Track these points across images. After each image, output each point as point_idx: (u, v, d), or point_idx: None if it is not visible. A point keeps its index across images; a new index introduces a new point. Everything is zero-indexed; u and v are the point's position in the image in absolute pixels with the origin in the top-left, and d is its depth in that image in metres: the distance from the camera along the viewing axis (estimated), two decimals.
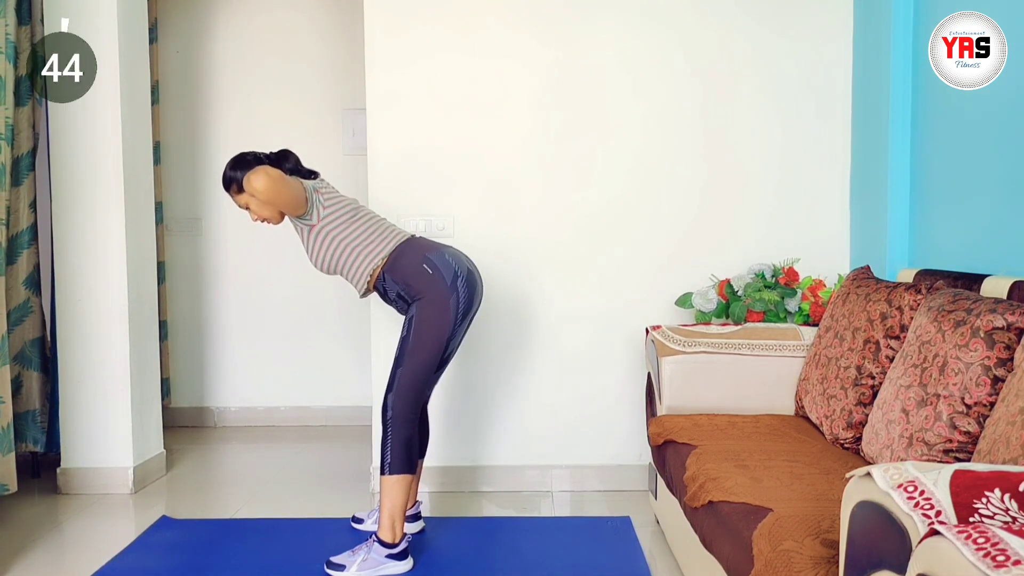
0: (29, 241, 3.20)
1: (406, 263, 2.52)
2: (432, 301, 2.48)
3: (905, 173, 2.77)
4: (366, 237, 2.55)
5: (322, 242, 2.55)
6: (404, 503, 2.48)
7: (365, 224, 2.57)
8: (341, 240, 2.54)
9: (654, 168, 3.25)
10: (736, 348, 2.70)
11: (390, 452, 2.46)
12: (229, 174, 2.58)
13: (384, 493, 2.47)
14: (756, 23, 3.21)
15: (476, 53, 3.23)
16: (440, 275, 2.49)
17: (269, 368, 4.48)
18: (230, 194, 2.60)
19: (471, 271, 2.58)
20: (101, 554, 2.64)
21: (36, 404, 3.28)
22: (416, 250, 2.54)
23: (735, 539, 1.76)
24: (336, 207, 2.56)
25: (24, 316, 3.21)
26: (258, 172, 2.45)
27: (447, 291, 2.48)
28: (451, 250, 2.59)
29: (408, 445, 2.48)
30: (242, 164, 2.58)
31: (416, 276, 2.50)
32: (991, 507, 1.07)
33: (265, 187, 2.44)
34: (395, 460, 2.46)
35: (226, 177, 2.60)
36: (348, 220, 2.56)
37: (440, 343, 2.49)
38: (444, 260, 2.52)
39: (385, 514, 2.46)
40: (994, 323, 1.75)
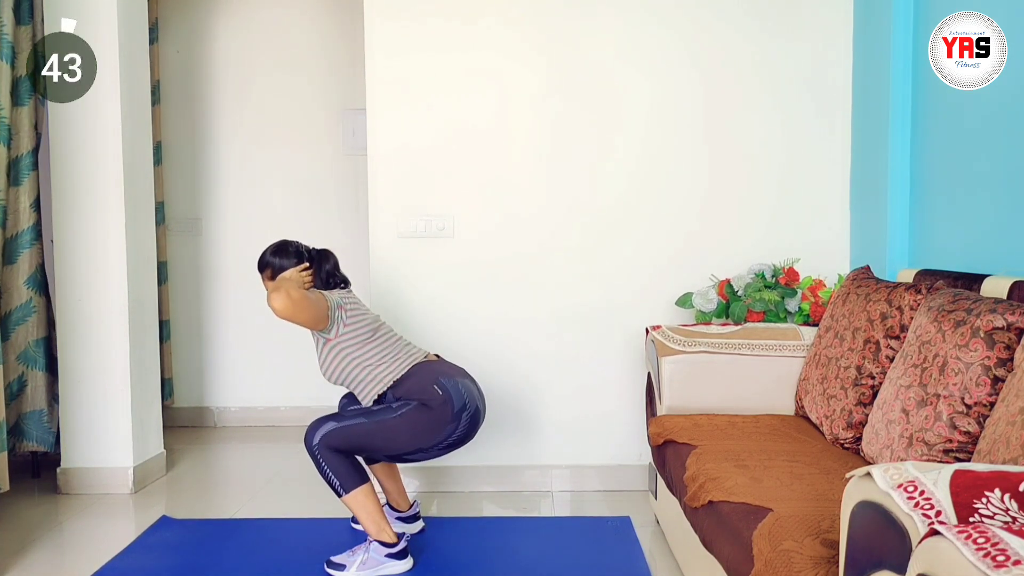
0: (31, 241, 3.20)
1: (415, 383, 2.49)
2: (434, 415, 2.44)
3: (905, 173, 2.77)
4: (380, 357, 2.53)
5: (335, 357, 2.54)
6: (377, 506, 2.46)
7: (382, 344, 2.55)
8: (355, 358, 2.52)
9: (654, 168, 3.25)
10: (736, 348, 2.70)
11: (332, 476, 2.40)
12: (268, 259, 2.64)
13: (353, 510, 2.46)
14: (757, 23, 3.21)
15: (477, 52, 3.23)
16: (450, 400, 2.45)
17: (269, 368, 4.48)
18: (261, 275, 2.65)
19: (479, 409, 2.54)
20: (101, 554, 2.64)
21: (42, 404, 3.27)
22: (429, 373, 2.51)
23: (735, 539, 1.76)
24: (356, 325, 2.54)
25: (27, 316, 3.21)
26: (279, 292, 2.38)
27: (450, 417, 2.45)
28: (464, 381, 2.54)
29: (345, 461, 2.42)
30: (283, 253, 2.63)
31: (424, 393, 2.46)
32: (991, 507, 1.07)
33: (281, 310, 2.37)
34: (342, 480, 2.41)
35: (263, 260, 2.65)
36: (366, 339, 2.54)
37: (410, 445, 2.46)
38: (456, 389, 2.48)
39: (367, 524, 2.46)
40: (994, 323, 1.75)
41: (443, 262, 3.26)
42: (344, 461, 2.42)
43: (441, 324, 3.27)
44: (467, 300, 3.28)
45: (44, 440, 3.28)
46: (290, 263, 2.63)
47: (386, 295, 3.27)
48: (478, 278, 3.27)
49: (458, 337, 3.27)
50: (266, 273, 2.65)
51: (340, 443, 2.41)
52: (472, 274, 3.27)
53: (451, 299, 3.27)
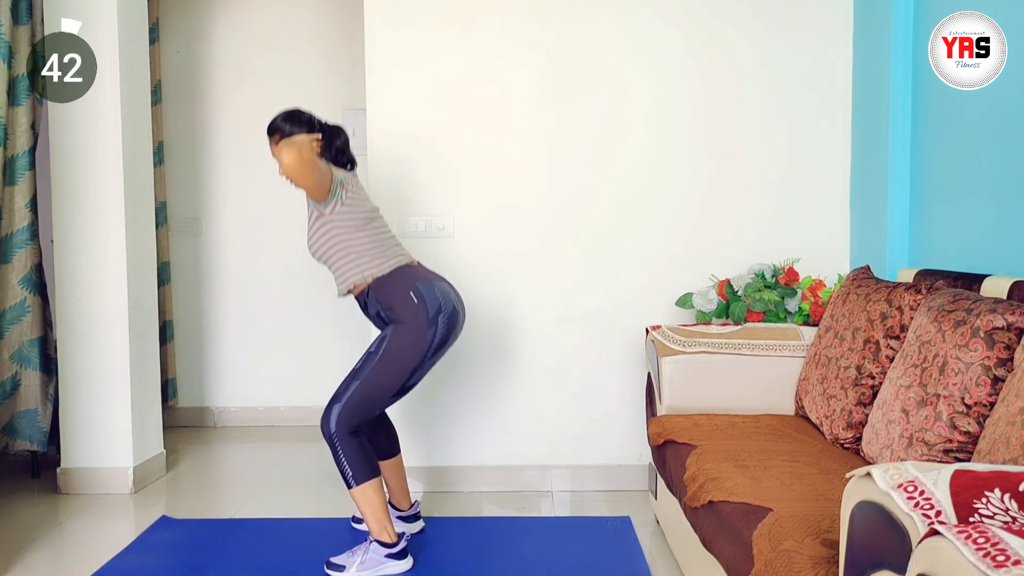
0: (26, 240, 3.19)
1: (393, 287, 2.49)
2: (409, 329, 2.45)
3: (905, 173, 2.77)
4: (368, 248, 2.51)
5: (325, 233, 2.51)
6: (383, 503, 2.47)
7: (373, 236, 2.54)
8: (343, 240, 2.51)
9: (655, 168, 3.25)
10: (736, 348, 2.70)
11: (347, 465, 2.41)
12: (279, 124, 2.57)
13: (359, 504, 2.46)
14: (757, 23, 3.21)
15: (477, 52, 3.23)
16: (424, 307, 2.46)
17: (269, 368, 4.48)
18: (270, 141, 2.59)
19: (456, 309, 2.54)
20: (101, 554, 2.64)
21: (36, 403, 3.27)
22: (408, 277, 2.51)
23: (735, 539, 1.76)
24: (354, 208, 2.51)
25: (21, 316, 3.20)
26: (292, 146, 2.38)
27: (427, 323, 2.45)
28: (441, 284, 2.55)
29: (361, 451, 2.44)
30: (294, 120, 2.57)
31: (400, 302, 2.47)
32: (991, 507, 1.07)
33: (289, 164, 2.36)
34: (355, 471, 2.42)
35: (274, 124, 2.58)
36: (360, 225, 2.51)
37: (406, 371, 2.46)
38: (432, 293, 2.49)
39: (370, 521, 2.46)
40: (994, 323, 1.75)
41: (443, 262, 3.25)
42: (361, 452, 2.43)
43: None
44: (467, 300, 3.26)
45: (36, 439, 3.27)
46: (300, 131, 2.56)
47: None
48: (478, 278, 3.26)
49: None
50: (274, 138, 2.57)
51: (354, 415, 2.43)
52: (472, 274, 3.26)
53: None
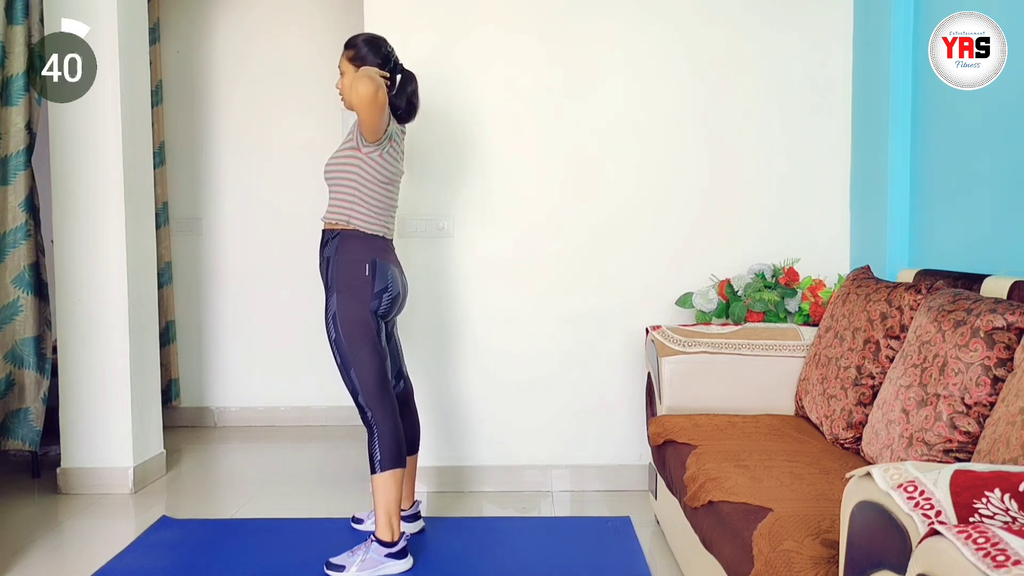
0: (20, 240, 3.18)
1: (357, 249, 2.51)
2: (351, 298, 2.48)
3: (905, 173, 2.77)
4: (371, 204, 2.53)
5: (348, 164, 2.52)
6: (398, 499, 2.48)
7: (382, 197, 2.55)
8: (357, 182, 2.51)
9: (655, 169, 3.25)
10: (736, 348, 2.70)
11: (379, 449, 2.46)
12: (359, 43, 2.55)
13: (377, 492, 2.47)
14: (757, 23, 3.21)
15: (477, 53, 3.23)
16: (372, 283, 2.49)
17: (269, 368, 4.48)
18: (344, 55, 2.57)
19: (399, 295, 2.59)
20: (101, 554, 2.64)
21: (29, 402, 3.25)
22: (374, 249, 2.53)
23: (735, 539, 1.76)
24: (385, 165, 2.53)
25: (14, 315, 3.19)
26: (372, 81, 2.37)
27: (368, 296, 2.49)
28: (394, 270, 2.58)
29: (395, 438, 2.48)
30: (374, 47, 2.55)
31: (351, 268, 2.50)
32: (991, 507, 1.07)
33: (363, 96, 2.35)
34: (385, 456, 2.45)
35: (354, 41, 2.56)
36: (379, 181, 2.53)
37: (371, 332, 2.49)
38: (384, 273, 2.52)
39: (381, 513, 2.46)
40: (994, 323, 1.75)
41: (443, 262, 3.26)
42: (395, 439, 2.47)
43: (441, 324, 3.27)
44: (467, 300, 3.28)
45: (29, 439, 3.25)
46: (374, 62, 2.54)
47: None
48: (478, 278, 3.27)
49: (458, 337, 3.27)
50: (347, 53, 2.56)
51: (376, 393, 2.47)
52: (472, 274, 3.27)
53: (451, 299, 3.27)
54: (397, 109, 2.59)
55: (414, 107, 2.65)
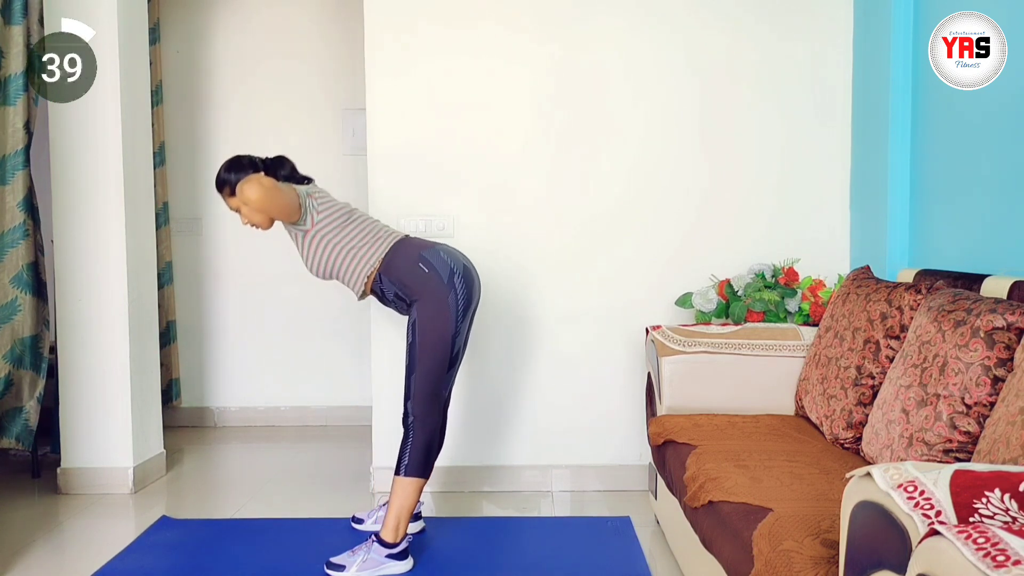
0: (18, 240, 3.17)
1: (401, 263, 2.50)
2: (430, 301, 2.47)
3: (905, 173, 2.77)
4: (361, 240, 2.53)
5: (317, 246, 2.53)
6: (413, 506, 2.48)
7: (359, 227, 2.55)
8: (336, 244, 2.52)
9: (654, 168, 3.25)
10: (736, 348, 2.70)
11: (408, 454, 2.45)
12: (223, 176, 2.60)
13: (395, 493, 2.46)
14: (756, 23, 3.21)
15: (477, 53, 3.23)
16: (436, 273, 2.48)
17: (269, 368, 4.48)
18: (222, 196, 2.62)
19: (467, 267, 2.56)
20: (101, 554, 2.64)
21: (25, 401, 3.23)
22: (411, 249, 2.53)
23: (735, 539, 1.76)
24: (329, 211, 2.53)
25: (12, 314, 3.18)
26: (251, 181, 2.42)
27: (445, 289, 2.47)
28: (445, 247, 2.57)
29: (428, 449, 2.48)
30: (237, 167, 2.59)
31: (412, 275, 2.49)
32: (991, 507, 1.07)
33: (258, 197, 2.40)
34: (412, 462, 2.45)
35: (220, 179, 2.61)
36: (342, 223, 2.53)
37: (446, 342, 2.48)
38: (439, 257, 2.50)
39: (392, 514, 2.46)
40: (994, 323, 1.75)
41: None
42: (427, 449, 2.47)
43: None
44: None
45: (23, 437, 3.23)
46: (246, 175, 2.57)
47: None
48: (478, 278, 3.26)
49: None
50: (225, 191, 2.60)
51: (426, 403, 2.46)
52: None
53: None
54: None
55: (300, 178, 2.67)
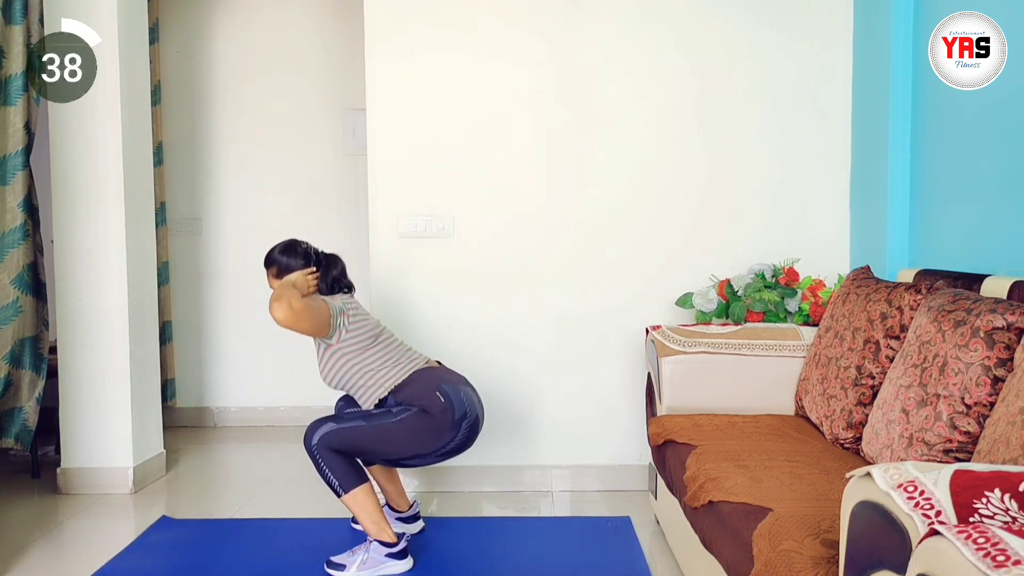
0: (18, 240, 3.17)
1: (417, 389, 2.49)
2: (433, 422, 2.44)
3: (905, 173, 2.77)
4: (381, 363, 2.53)
5: (336, 362, 2.53)
6: (376, 505, 2.47)
7: (383, 349, 2.55)
8: (356, 364, 2.52)
9: (654, 168, 3.25)
10: (736, 348, 2.70)
11: (331, 476, 2.41)
12: (276, 257, 2.61)
13: (352, 510, 2.46)
14: (756, 23, 3.21)
15: (476, 53, 3.23)
16: (451, 408, 2.46)
17: (269, 368, 4.48)
18: (267, 272, 2.63)
19: (479, 418, 2.55)
20: (101, 554, 2.64)
21: (25, 402, 3.23)
22: (431, 378, 2.51)
23: (735, 539, 1.76)
24: (358, 332, 2.53)
25: (12, 315, 3.18)
26: (282, 303, 2.36)
27: (450, 425, 2.45)
28: (467, 390, 2.55)
29: (344, 461, 2.43)
30: (290, 252, 2.61)
31: (427, 399, 2.46)
32: (991, 507, 1.07)
33: (283, 319, 2.36)
34: (341, 480, 2.41)
35: (271, 258, 2.62)
36: (367, 344, 2.53)
37: (409, 450, 2.47)
38: (459, 396, 2.49)
39: (367, 524, 2.46)
40: (994, 323, 1.75)
41: (443, 262, 3.26)
42: (343, 461, 2.42)
43: (441, 324, 3.27)
44: (467, 300, 3.28)
45: (22, 438, 3.23)
46: (297, 264, 2.61)
47: (386, 295, 3.27)
48: (478, 278, 3.27)
49: (458, 336, 3.27)
50: (272, 270, 2.63)
51: (339, 444, 2.41)
52: (472, 274, 3.27)
53: (451, 299, 3.27)
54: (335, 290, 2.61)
55: (344, 284, 2.65)
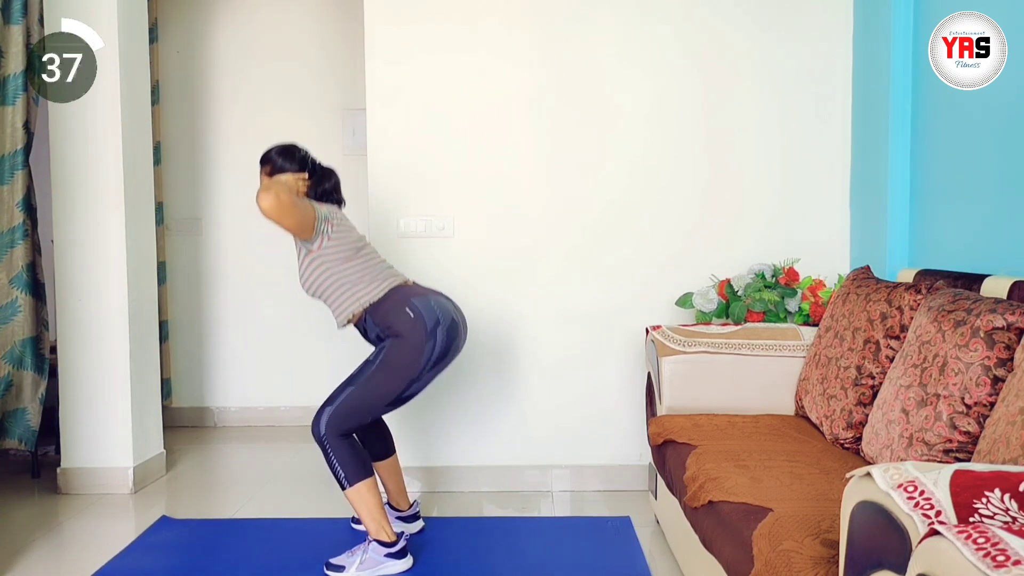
0: (17, 240, 3.17)
1: (389, 307, 2.49)
2: (407, 342, 2.45)
3: (905, 173, 2.77)
4: (360, 277, 2.52)
5: (315, 270, 2.52)
6: (379, 503, 2.47)
7: (363, 263, 2.54)
8: (334, 273, 2.51)
9: (654, 168, 3.25)
10: (736, 348, 2.70)
11: (339, 467, 2.42)
12: (272, 156, 2.58)
13: (354, 504, 2.46)
14: (756, 23, 3.21)
15: (476, 52, 3.23)
16: (421, 320, 2.45)
17: (269, 368, 4.48)
18: (260, 170, 2.60)
19: (455, 321, 2.54)
20: (101, 554, 2.64)
21: (27, 402, 3.24)
22: (402, 296, 2.51)
23: (735, 539, 1.76)
24: (340, 241, 2.51)
25: (12, 315, 3.18)
26: (269, 191, 2.36)
27: (425, 336, 2.45)
28: (438, 298, 2.55)
29: (352, 452, 2.44)
30: (287, 155, 2.58)
31: (397, 317, 2.47)
32: (991, 507, 1.07)
33: (268, 208, 2.34)
34: (348, 471, 2.42)
35: (267, 156, 2.59)
36: (348, 256, 2.52)
37: (402, 382, 2.46)
38: (428, 306, 2.49)
39: (367, 521, 2.46)
40: (994, 323, 1.75)
41: (443, 262, 3.26)
42: (352, 452, 2.43)
43: None
44: (467, 300, 3.26)
45: (26, 438, 3.24)
46: (291, 168, 2.57)
47: None
48: (478, 278, 3.26)
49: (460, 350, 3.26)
50: (265, 168, 2.59)
51: (344, 421, 2.42)
52: (472, 274, 3.26)
53: None
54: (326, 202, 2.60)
55: (336, 199, 2.64)
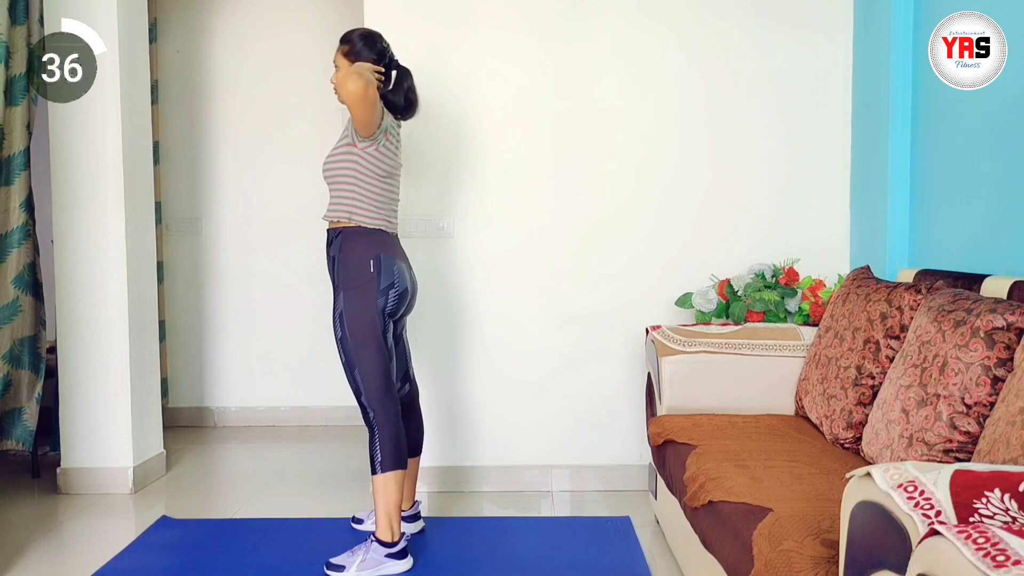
0: (20, 240, 3.17)
1: (360, 245, 2.50)
2: (360, 297, 2.47)
3: (905, 173, 2.77)
4: (371, 199, 2.52)
5: (345, 161, 2.52)
6: (399, 500, 2.48)
7: (381, 191, 2.54)
8: (356, 178, 2.51)
9: (655, 168, 3.25)
10: (736, 348, 2.70)
11: (379, 450, 2.46)
12: (355, 39, 2.55)
13: (378, 492, 2.47)
14: (756, 23, 3.21)
15: (476, 54, 3.23)
16: (376, 279, 2.48)
17: (269, 368, 4.48)
18: (339, 46, 2.57)
19: (407, 289, 2.57)
20: (101, 554, 2.64)
21: (25, 402, 3.23)
22: (378, 243, 2.52)
23: (735, 539, 1.76)
24: (381, 160, 2.52)
25: (13, 315, 3.17)
26: (361, 78, 2.36)
27: (375, 294, 2.48)
28: (401, 265, 2.57)
29: (396, 439, 2.48)
30: (369, 43, 2.56)
31: (357, 265, 2.49)
32: (991, 507, 1.07)
33: (352, 93, 2.35)
34: (385, 457, 2.45)
35: (349, 36, 2.57)
36: (376, 175, 2.52)
37: (376, 333, 2.49)
38: (390, 268, 2.51)
39: (381, 513, 2.46)
40: (994, 323, 1.75)
41: (443, 262, 3.26)
42: (396, 441, 2.47)
43: (440, 323, 3.27)
44: (467, 300, 3.28)
45: (23, 438, 3.24)
46: (369, 58, 2.54)
47: None
48: (478, 278, 3.27)
49: (458, 336, 3.27)
50: (344, 47, 2.56)
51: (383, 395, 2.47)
52: (472, 274, 3.27)
53: (451, 299, 3.27)
54: (394, 106, 2.60)
55: (412, 104, 2.65)
